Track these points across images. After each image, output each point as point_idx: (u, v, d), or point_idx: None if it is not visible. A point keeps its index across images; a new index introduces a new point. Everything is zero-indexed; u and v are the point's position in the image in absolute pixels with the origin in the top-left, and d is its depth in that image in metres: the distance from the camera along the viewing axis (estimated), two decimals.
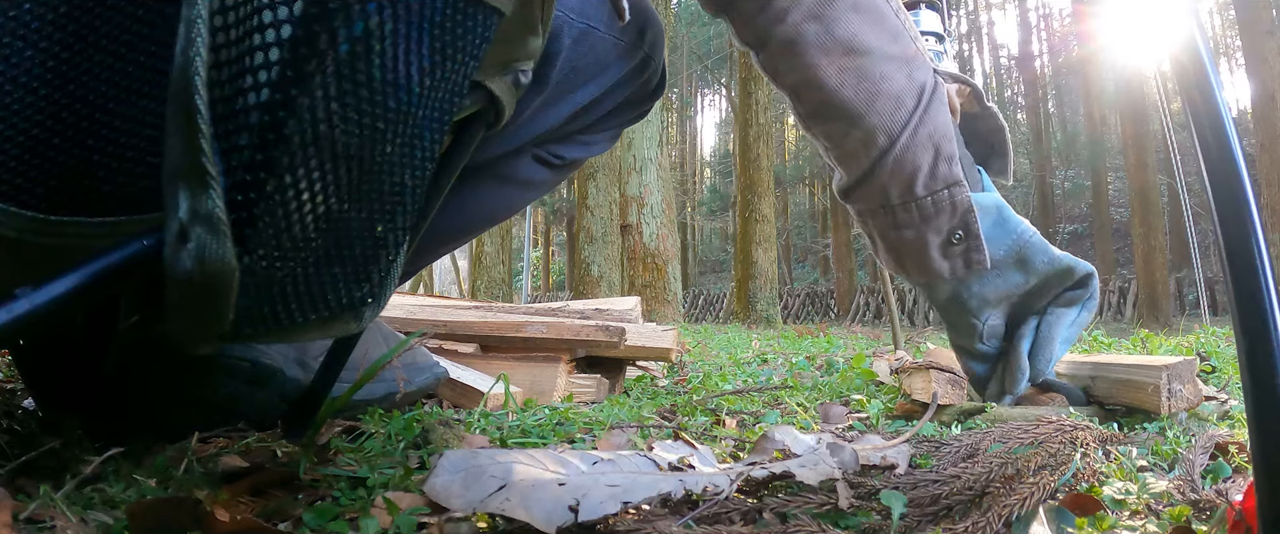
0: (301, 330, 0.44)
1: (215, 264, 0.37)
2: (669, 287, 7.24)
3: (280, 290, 0.42)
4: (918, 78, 0.84)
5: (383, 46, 0.39)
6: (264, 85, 0.38)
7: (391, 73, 0.40)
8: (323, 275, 0.44)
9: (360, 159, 0.41)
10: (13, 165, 0.45)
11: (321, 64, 0.38)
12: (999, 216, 0.93)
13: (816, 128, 0.89)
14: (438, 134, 0.45)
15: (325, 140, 0.39)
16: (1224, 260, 0.37)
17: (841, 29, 0.80)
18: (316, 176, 0.40)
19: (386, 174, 0.44)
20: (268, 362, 0.67)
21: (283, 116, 0.38)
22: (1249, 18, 8.05)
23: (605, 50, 0.74)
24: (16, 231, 0.45)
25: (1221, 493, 0.58)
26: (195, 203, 0.36)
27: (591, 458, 0.58)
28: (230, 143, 0.38)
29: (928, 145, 0.84)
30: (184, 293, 0.38)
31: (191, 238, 0.37)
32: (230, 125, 0.38)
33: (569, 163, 0.82)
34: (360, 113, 0.40)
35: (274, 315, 0.42)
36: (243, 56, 0.38)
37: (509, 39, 0.54)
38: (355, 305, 0.46)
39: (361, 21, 0.38)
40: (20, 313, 0.38)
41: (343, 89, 0.39)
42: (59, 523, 0.45)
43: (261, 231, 0.39)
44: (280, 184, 0.38)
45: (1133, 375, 0.93)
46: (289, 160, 0.38)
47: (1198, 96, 0.39)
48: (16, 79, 0.44)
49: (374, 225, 0.45)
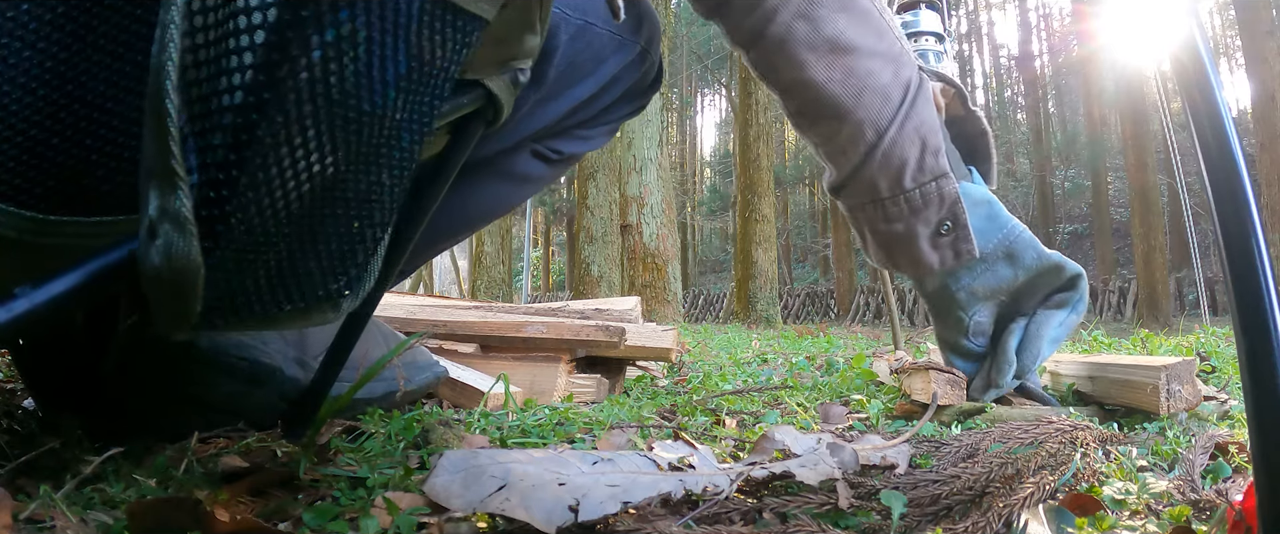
0: (276, 320, 0.46)
1: (180, 261, 0.38)
2: (669, 287, 7.24)
3: (253, 283, 0.43)
4: (903, 74, 0.86)
5: (356, 51, 0.40)
6: (238, 87, 0.38)
7: (365, 77, 0.41)
8: (297, 269, 0.44)
9: (334, 160, 0.42)
10: (11, 165, 0.45)
11: (294, 68, 0.38)
12: (990, 210, 0.94)
13: (807, 125, 0.90)
14: (417, 135, 0.46)
15: (298, 142, 0.40)
16: (1224, 260, 0.37)
17: (829, 27, 0.82)
18: (290, 176, 0.41)
19: (362, 174, 0.44)
20: (267, 361, 0.67)
21: (256, 118, 0.38)
22: (1249, 18, 8.05)
23: (602, 45, 0.75)
24: (15, 231, 0.45)
25: (1221, 493, 0.58)
26: (164, 201, 0.38)
27: (591, 458, 0.58)
28: (205, 142, 0.39)
29: (914, 139, 0.86)
30: (153, 287, 0.39)
31: (160, 235, 0.38)
32: (206, 124, 0.39)
33: (567, 157, 0.82)
34: (333, 116, 0.41)
35: (248, 306, 0.43)
36: (218, 58, 0.38)
37: (507, 38, 0.54)
38: (331, 297, 0.47)
39: (334, 28, 0.39)
40: (20, 312, 0.38)
41: (315, 92, 0.39)
42: (59, 523, 0.45)
43: (234, 228, 0.40)
44: (253, 182, 0.39)
45: (1132, 375, 0.93)
46: (262, 160, 0.39)
47: (1198, 96, 0.39)
48: (15, 79, 0.44)
49: (350, 222, 0.46)
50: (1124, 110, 11.97)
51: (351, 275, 0.48)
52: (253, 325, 0.45)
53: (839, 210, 0.98)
